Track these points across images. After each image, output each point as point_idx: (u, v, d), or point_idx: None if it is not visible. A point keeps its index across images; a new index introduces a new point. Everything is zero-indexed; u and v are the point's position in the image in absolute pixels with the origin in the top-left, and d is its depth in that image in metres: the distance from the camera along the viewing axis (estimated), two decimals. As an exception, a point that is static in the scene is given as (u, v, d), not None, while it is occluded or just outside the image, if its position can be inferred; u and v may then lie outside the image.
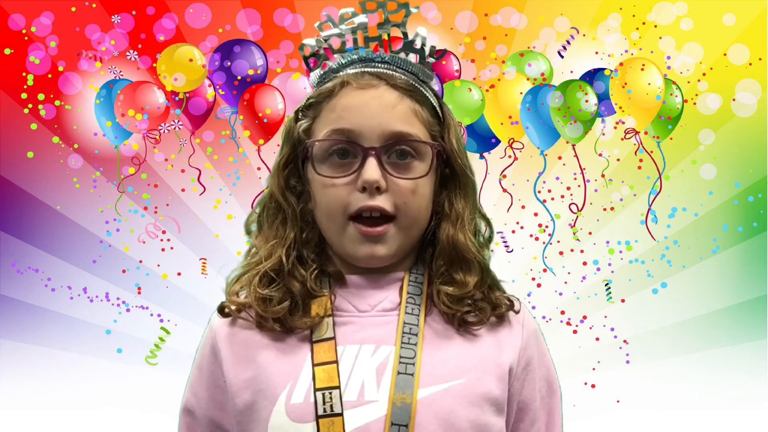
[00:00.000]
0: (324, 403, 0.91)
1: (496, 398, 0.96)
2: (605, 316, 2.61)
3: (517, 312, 1.03)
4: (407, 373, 0.92)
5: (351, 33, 1.03)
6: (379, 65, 1.02)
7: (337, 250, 1.01)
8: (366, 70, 1.01)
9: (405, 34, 1.03)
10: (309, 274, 0.99)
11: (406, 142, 0.97)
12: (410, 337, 0.95)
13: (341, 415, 0.91)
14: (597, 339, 2.59)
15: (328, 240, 1.01)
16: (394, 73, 1.01)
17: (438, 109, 1.04)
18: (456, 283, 0.99)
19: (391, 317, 0.98)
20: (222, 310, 1.03)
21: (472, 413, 0.94)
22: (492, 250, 1.08)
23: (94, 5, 2.56)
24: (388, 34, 1.03)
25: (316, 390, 0.92)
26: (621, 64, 2.52)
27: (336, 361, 0.94)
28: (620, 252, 2.64)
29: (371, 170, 0.94)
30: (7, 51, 2.54)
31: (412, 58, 1.04)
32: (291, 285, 0.98)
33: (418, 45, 1.03)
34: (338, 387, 0.92)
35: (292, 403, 0.92)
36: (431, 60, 1.05)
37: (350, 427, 0.90)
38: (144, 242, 2.64)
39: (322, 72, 1.05)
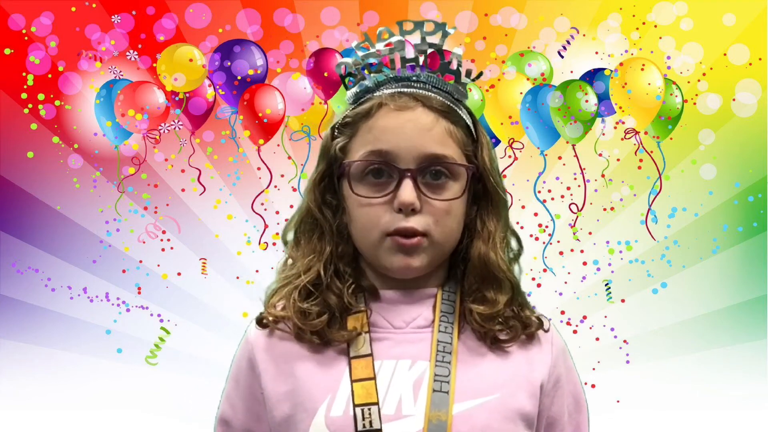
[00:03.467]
0: (363, 419, 0.94)
1: (527, 414, 0.99)
2: (605, 316, 2.62)
3: (546, 331, 1.06)
4: (442, 391, 0.95)
5: (388, 53, 1.05)
6: (415, 84, 1.04)
7: (372, 262, 1.03)
8: (402, 90, 1.03)
9: (442, 55, 1.05)
10: (346, 288, 1.01)
11: (441, 164, 0.99)
12: (444, 355, 0.98)
13: (380, 430, 0.93)
14: (597, 339, 2.59)
15: (363, 253, 1.04)
16: (429, 93, 1.03)
17: (472, 127, 1.06)
18: (487, 301, 1.02)
19: (425, 334, 1.01)
20: (260, 321, 1.05)
21: (506, 428, 0.96)
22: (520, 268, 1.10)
23: (94, 5, 2.56)
24: (425, 55, 1.05)
25: (355, 406, 0.94)
26: (621, 64, 2.52)
27: (374, 378, 0.96)
28: (620, 252, 2.64)
29: (407, 192, 0.96)
30: (7, 51, 2.54)
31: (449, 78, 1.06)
32: (328, 298, 1.01)
33: (454, 66, 1.05)
34: (377, 403, 0.95)
35: (332, 416, 0.95)
36: (467, 80, 1.06)
37: None
38: (144, 242, 2.64)
39: (358, 90, 1.07)
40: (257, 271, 2.44)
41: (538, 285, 2.58)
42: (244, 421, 1.05)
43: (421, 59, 1.05)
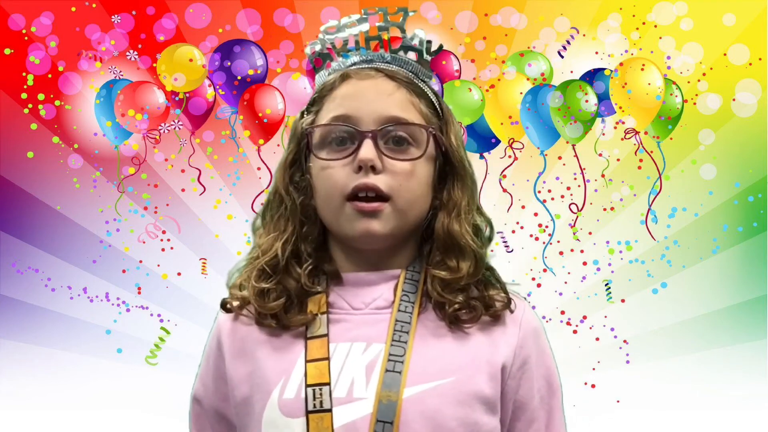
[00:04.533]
0: (314, 398, 0.93)
1: (487, 397, 0.97)
2: (605, 316, 2.62)
3: (512, 311, 1.03)
4: (395, 371, 0.94)
5: (352, 34, 1.07)
6: (380, 64, 1.05)
7: (335, 231, 1.02)
8: (366, 66, 1.05)
9: (404, 34, 1.07)
10: (303, 270, 1.00)
11: (402, 126, 0.99)
12: (401, 334, 0.97)
13: (330, 411, 0.92)
14: (597, 339, 2.59)
15: (327, 225, 1.02)
16: (393, 68, 1.05)
17: (437, 105, 1.06)
18: (449, 269, 1.00)
19: (384, 315, 0.99)
20: (224, 306, 1.06)
21: (460, 412, 0.94)
22: (492, 251, 1.08)
23: (94, 5, 2.56)
24: (388, 33, 1.06)
25: (307, 386, 0.94)
26: (621, 64, 2.52)
27: (328, 358, 0.95)
28: (620, 252, 2.64)
29: (366, 150, 0.96)
30: (7, 51, 2.54)
31: (412, 57, 1.07)
32: (286, 282, 1.00)
33: (415, 43, 1.06)
34: (328, 383, 0.94)
35: (284, 398, 0.95)
36: (429, 57, 1.07)
37: (339, 423, 0.92)
38: (144, 242, 2.64)
39: (326, 72, 1.08)
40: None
41: (538, 285, 2.58)
42: (214, 401, 1.06)
43: (384, 37, 1.06)
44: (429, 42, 1.07)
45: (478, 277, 1.02)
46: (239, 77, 2.54)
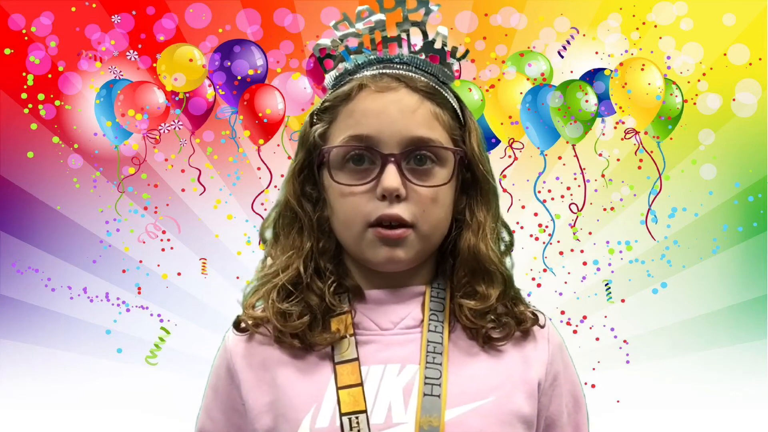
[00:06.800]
0: (351, 428, 0.88)
1: (525, 415, 0.94)
2: (605, 316, 2.61)
3: (542, 326, 1.01)
4: (433, 395, 0.90)
5: (369, 32, 0.98)
6: (398, 66, 0.98)
7: (355, 256, 0.97)
8: (384, 71, 0.97)
9: (425, 34, 0.99)
10: (327, 288, 0.95)
11: (427, 148, 0.93)
12: (435, 356, 0.92)
13: None
14: (597, 339, 2.59)
15: (346, 247, 0.98)
16: (413, 75, 0.97)
17: (459, 112, 1.00)
18: (478, 296, 0.96)
19: (414, 334, 0.95)
20: (238, 325, 1.00)
21: (503, 431, 0.92)
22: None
23: (94, 5, 2.56)
24: (408, 34, 0.98)
25: (342, 415, 0.89)
26: (621, 64, 2.52)
27: (361, 384, 0.91)
28: (620, 252, 2.63)
29: (391, 178, 0.91)
30: (7, 51, 2.54)
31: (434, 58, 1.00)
32: (309, 299, 0.95)
33: (438, 45, 0.99)
34: (365, 411, 0.89)
35: (317, 427, 0.90)
36: (452, 61, 1.01)
37: None
38: (144, 242, 2.63)
39: (337, 74, 1.00)
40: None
41: (538, 285, 2.58)
42: None
43: (404, 39, 0.98)
44: (455, 47, 1.00)
45: (508, 299, 0.99)
46: (239, 77, 2.54)
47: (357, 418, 0.88)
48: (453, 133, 0.97)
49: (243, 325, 0.99)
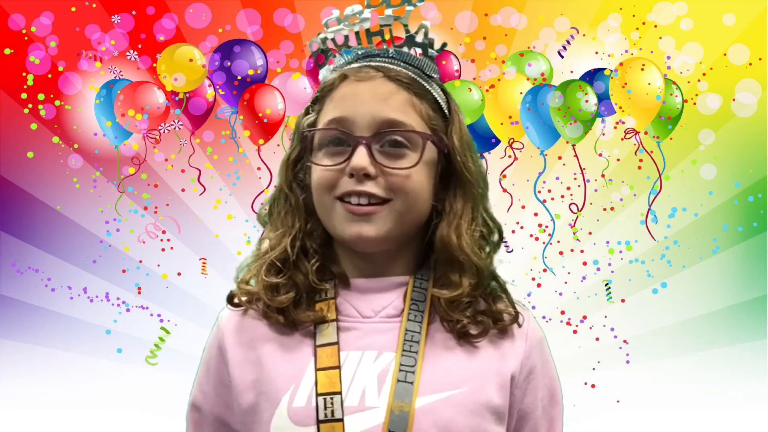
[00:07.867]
0: (325, 408, 0.92)
1: (497, 407, 0.96)
2: (605, 316, 2.62)
3: (520, 326, 1.02)
4: (407, 381, 0.93)
5: (352, 27, 1.04)
6: (382, 60, 1.02)
7: (332, 233, 1.01)
8: (368, 64, 1.02)
9: (407, 29, 1.03)
10: (311, 266, 1.00)
11: (397, 131, 0.96)
12: (412, 344, 0.96)
13: (342, 420, 0.91)
14: (597, 339, 2.59)
15: (324, 224, 1.01)
16: (395, 66, 1.01)
17: (444, 104, 1.03)
18: (451, 285, 0.98)
19: (395, 323, 0.98)
20: (231, 299, 1.04)
21: (472, 422, 0.94)
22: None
23: (94, 5, 2.56)
24: (390, 28, 1.03)
25: (318, 395, 0.93)
26: (621, 64, 2.52)
27: (338, 367, 0.95)
28: (620, 252, 2.64)
29: (359, 157, 0.95)
30: (7, 51, 2.54)
31: (417, 51, 1.04)
32: (296, 277, 1.00)
33: (420, 39, 1.03)
34: (340, 393, 0.93)
35: (294, 406, 0.93)
36: (433, 53, 1.04)
37: None
38: (144, 242, 2.64)
39: (328, 68, 1.06)
40: (257, 271, 2.44)
41: (538, 285, 2.58)
42: (214, 407, 1.04)
43: (386, 33, 1.03)
44: (432, 39, 1.04)
45: (482, 290, 1.01)
46: (239, 77, 2.54)
47: (332, 399, 0.92)
48: (431, 123, 1.00)
49: (236, 300, 1.04)
